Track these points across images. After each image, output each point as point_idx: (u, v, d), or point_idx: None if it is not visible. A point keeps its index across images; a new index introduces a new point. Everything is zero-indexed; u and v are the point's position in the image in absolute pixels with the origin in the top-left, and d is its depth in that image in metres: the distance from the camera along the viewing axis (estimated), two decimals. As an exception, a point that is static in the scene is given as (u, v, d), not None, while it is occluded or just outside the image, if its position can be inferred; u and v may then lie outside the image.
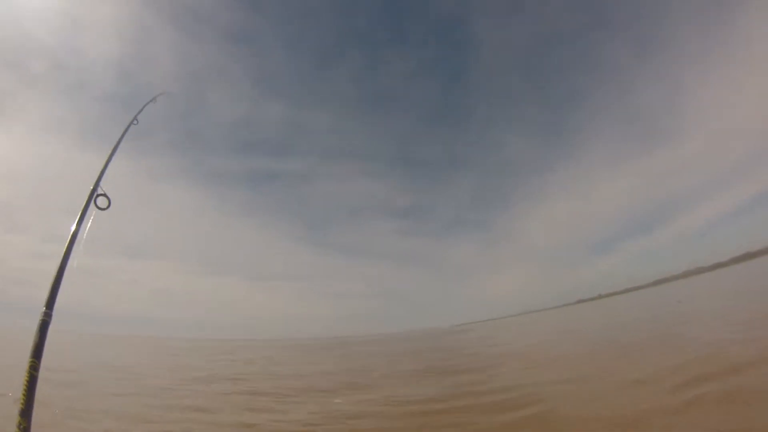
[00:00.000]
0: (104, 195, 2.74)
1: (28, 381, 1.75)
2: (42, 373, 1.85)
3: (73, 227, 2.39)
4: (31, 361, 1.79)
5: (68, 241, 2.30)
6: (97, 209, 2.68)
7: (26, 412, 1.69)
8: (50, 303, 1.96)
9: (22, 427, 1.66)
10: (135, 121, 3.68)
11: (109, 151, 3.04)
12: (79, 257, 2.24)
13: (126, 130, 3.40)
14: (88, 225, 2.46)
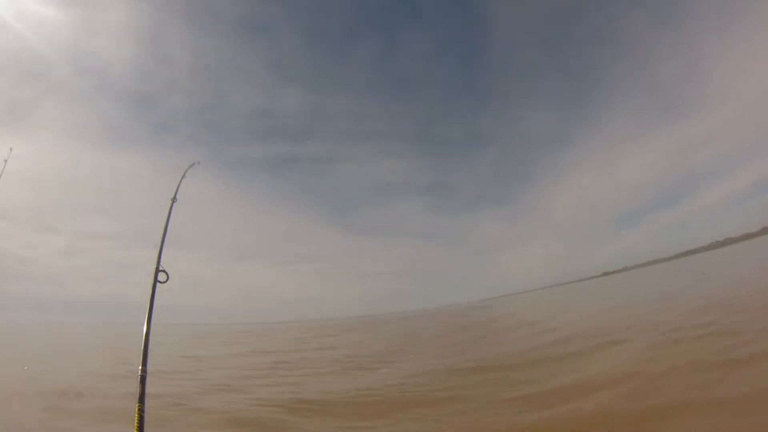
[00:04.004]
0: (163, 271, 3.65)
1: (138, 421, 2.62)
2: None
3: (147, 304, 3.29)
4: (139, 406, 2.67)
5: (147, 314, 3.20)
6: (159, 284, 3.59)
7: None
8: (144, 362, 2.85)
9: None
10: (175, 200, 4.59)
11: (161, 234, 3.95)
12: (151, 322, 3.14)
13: (170, 211, 4.31)
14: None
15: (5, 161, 7.60)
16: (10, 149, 7.79)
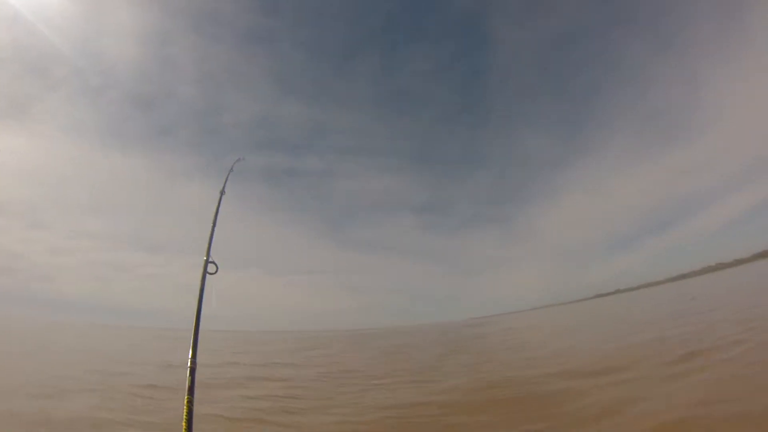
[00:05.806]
0: (213, 262, 3.59)
1: (187, 413, 2.51)
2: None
3: (197, 294, 3.22)
4: (188, 398, 2.56)
5: (197, 305, 3.13)
6: (209, 274, 3.53)
7: (189, 436, 2.44)
8: (194, 354, 2.75)
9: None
10: (223, 192, 4.58)
11: (211, 225, 3.92)
12: (209, 314, 3.05)
13: (219, 203, 4.29)
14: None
15: None
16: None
